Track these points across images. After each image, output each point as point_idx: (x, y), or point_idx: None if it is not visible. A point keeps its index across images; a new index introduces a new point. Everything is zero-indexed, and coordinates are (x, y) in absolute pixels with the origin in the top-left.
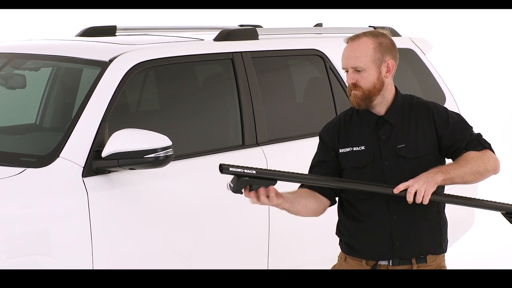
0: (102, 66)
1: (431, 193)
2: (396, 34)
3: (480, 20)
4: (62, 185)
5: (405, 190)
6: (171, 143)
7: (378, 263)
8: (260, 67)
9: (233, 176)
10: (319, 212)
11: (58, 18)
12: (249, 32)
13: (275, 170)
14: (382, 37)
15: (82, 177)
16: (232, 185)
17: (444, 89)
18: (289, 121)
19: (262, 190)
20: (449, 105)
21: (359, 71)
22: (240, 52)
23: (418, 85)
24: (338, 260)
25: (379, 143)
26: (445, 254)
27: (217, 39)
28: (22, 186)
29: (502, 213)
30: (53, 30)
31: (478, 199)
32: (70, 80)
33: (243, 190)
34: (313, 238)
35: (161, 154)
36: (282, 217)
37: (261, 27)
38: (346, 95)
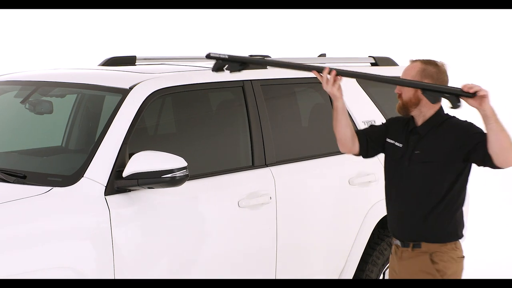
0: (123, 93)
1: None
2: (393, 63)
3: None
4: (86, 203)
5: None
6: (187, 164)
7: (395, 242)
8: (269, 94)
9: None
10: (347, 139)
11: (82, 47)
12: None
13: (248, 57)
14: (430, 65)
15: (105, 195)
16: (212, 67)
17: None
18: (295, 143)
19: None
20: None
21: None
22: (250, 80)
23: None
24: None
25: (407, 146)
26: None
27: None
28: (49, 204)
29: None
30: (77, 59)
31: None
32: (93, 106)
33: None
34: (319, 252)
35: (177, 174)
36: (289, 232)
37: (270, 57)
38: None
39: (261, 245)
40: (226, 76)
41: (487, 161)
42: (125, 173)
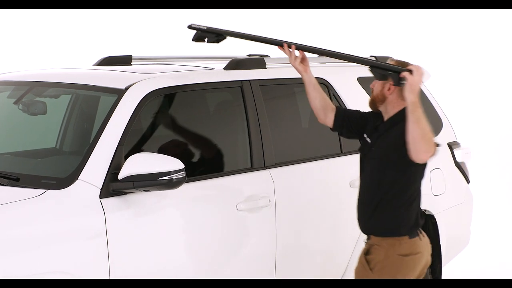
0: (118, 93)
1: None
2: None
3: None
4: (80, 206)
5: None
6: (184, 166)
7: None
8: (268, 94)
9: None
10: (318, 111)
11: (77, 46)
12: (257, 62)
13: (224, 29)
14: (402, 66)
15: (100, 198)
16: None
17: (441, 115)
18: (295, 145)
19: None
20: (446, 130)
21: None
22: (249, 80)
23: None
24: None
25: (371, 141)
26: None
27: (227, 68)
28: (43, 207)
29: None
30: (72, 58)
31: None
32: (88, 106)
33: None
34: (319, 256)
35: (174, 176)
36: (288, 235)
37: (269, 56)
38: None
39: (260, 249)
40: (224, 76)
41: (408, 154)
42: (120, 176)
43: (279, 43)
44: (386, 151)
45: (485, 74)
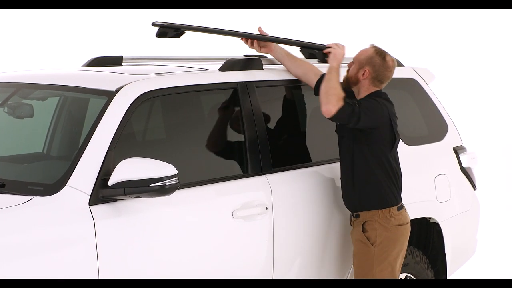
0: (108, 95)
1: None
2: (399, 64)
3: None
4: (69, 213)
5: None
6: (177, 171)
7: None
8: (265, 96)
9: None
10: (300, 79)
11: (66, 47)
12: (254, 62)
13: (184, 24)
14: (379, 56)
15: (89, 205)
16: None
17: (446, 118)
18: (293, 149)
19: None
20: (451, 134)
21: (353, 62)
22: (245, 81)
23: (420, 114)
24: None
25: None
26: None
27: (222, 69)
28: (30, 214)
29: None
30: (60, 59)
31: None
32: (77, 109)
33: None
34: (318, 264)
35: (167, 182)
36: (286, 244)
37: (266, 57)
38: None
39: (257, 258)
40: (219, 77)
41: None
42: (111, 182)
43: (240, 36)
44: (352, 129)
45: (492, 77)
